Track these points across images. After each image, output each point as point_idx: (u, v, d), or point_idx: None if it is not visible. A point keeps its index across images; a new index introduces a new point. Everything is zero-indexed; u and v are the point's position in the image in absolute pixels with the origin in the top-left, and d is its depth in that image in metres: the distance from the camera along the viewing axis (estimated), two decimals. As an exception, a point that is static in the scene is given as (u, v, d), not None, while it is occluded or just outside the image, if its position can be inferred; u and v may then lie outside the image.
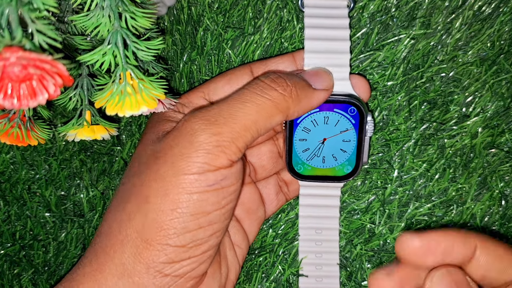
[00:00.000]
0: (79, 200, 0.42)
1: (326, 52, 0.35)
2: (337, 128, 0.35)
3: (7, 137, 0.33)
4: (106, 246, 0.31)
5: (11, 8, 0.22)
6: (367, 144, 0.36)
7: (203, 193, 0.30)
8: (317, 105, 0.34)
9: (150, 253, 0.30)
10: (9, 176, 0.42)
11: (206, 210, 0.30)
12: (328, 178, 0.37)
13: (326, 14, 0.35)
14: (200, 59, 0.40)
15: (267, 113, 0.31)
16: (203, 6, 0.39)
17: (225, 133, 0.30)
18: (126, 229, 0.31)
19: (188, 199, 0.29)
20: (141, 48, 0.28)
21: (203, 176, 0.29)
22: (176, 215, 0.29)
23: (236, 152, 0.30)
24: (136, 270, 0.30)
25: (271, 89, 0.31)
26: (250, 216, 0.38)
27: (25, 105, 0.22)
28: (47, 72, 0.22)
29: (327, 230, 0.38)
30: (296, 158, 0.37)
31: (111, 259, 0.31)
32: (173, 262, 0.30)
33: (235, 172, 0.31)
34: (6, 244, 0.42)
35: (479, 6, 0.36)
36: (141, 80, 0.28)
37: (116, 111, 0.28)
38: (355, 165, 0.36)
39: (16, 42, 0.22)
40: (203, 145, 0.29)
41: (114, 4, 0.26)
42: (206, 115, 0.30)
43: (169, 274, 0.30)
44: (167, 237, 0.30)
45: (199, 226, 0.30)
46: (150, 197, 0.30)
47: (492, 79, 0.36)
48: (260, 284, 0.39)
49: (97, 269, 0.31)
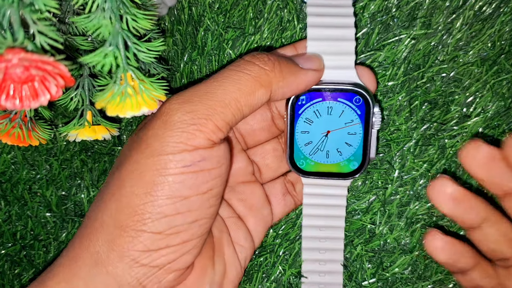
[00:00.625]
0: (80, 200, 0.42)
1: (330, 39, 0.33)
2: (342, 120, 0.33)
3: (8, 137, 0.33)
4: (83, 235, 0.30)
5: (13, 9, 0.22)
6: (374, 138, 0.34)
7: (179, 174, 0.28)
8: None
9: (124, 239, 0.28)
10: (10, 176, 0.42)
11: (183, 194, 0.28)
12: (332, 175, 0.35)
13: (330, 3, 0.33)
14: (200, 59, 0.40)
15: (247, 88, 0.29)
16: (204, 6, 0.39)
17: (200, 110, 0.28)
18: (101, 216, 0.29)
19: (163, 181, 0.27)
20: (142, 49, 0.28)
21: (178, 156, 0.27)
22: (150, 198, 0.28)
23: (215, 130, 0.28)
24: (110, 259, 0.28)
25: (251, 64, 0.30)
26: (254, 213, 0.36)
27: (27, 106, 0.23)
28: (49, 73, 0.22)
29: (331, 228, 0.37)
30: (298, 152, 0.35)
31: (86, 248, 0.29)
32: (149, 251, 0.28)
33: (217, 155, 0.29)
34: (7, 244, 0.42)
35: (480, 6, 0.36)
36: (142, 81, 0.28)
37: (116, 112, 0.28)
38: (361, 161, 0.34)
39: (18, 43, 0.22)
40: (177, 124, 0.28)
41: (115, 6, 0.26)
42: (181, 95, 0.29)
43: (146, 264, 0.28)
44: (141, 222, 0.28)
45: (177, 212, 0.28)
46: (124, 181, 0.28)
47: (493, 79, 0.36)
48: (261, 284, 0.39)
49: (72, 259, 0.29)
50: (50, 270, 0.30)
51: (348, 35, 0.33)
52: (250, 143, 0.37)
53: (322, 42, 0.33)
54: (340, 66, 0.33)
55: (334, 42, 0.33)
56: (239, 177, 0.37)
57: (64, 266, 0.29)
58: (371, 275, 0.38)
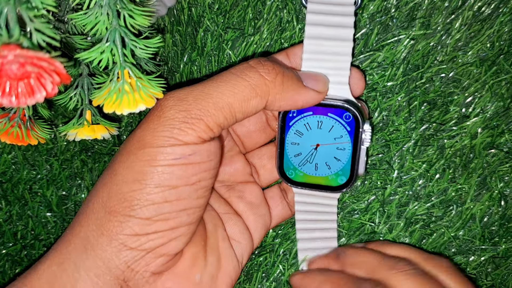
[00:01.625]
0: (80, 200, 0.42)
1: (326, 53, 0.33)
2: (331, 135, 0.34)
3: (7, 136, 0.33)
4: (75, 222, 0.31)
5: (10, 6, 0.22)
6: (363, 155, 0.34)
7: (168, 166, 0.29)
8: (305, 105, 0.32)
9: (113, 224, 0.29)
10: (10, 176, 0.43)
11: (172, 183, 0.29)
12: (320, 187, 0.35)
13: (330, 11, 0.33)
14: (200, 60, 0.40)
15: (243, 95, 0.29)
16: (203, 7, 0.39)
17: (193, 110, 0.29)
18: (92, 202, 0.30)
19: (152, 171, 0.29)
20: (139, 46, 0.28)
21: (169, 149, 0.29)
22: (139, 186, 0.29)
23: (206, 130, 0.29)
24: (99, 243, 0.29)
25: (253, 71, 0.30)
26: (253, 211, 0.37)
27: (23, 103, 0.23)
28: (44, 70, 0.22)
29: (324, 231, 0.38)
30: (288, 163, 0.35)
31: (77, 233, 0.30)
32: (137, 235, 0.29)
33: (208, 150, 0.30)
34: (7, 244, 0.43)
35: (479, 6, 0.36)
36: (139, 79, 0.29)
37: (113, 109, 0.28)
38: (349, 176, 0.34)
39: (14, 40, 0.22)
40: (169, 120, 0.29)
41: (113, 2, 0.26)
42: (178, 93, 0.30)
43: (135, 247, 0.29)
44: (130, 208, 0.29)
45: (165, 200, 0.29)
46: (117, 169, 0.30)
47: (491, 80, 0.36)
48: (261, 284, 0.39)
49: (64, 244, 0.30)
50: (44, 257, 0.31)
51: (345, 50, 0.33)
52: (248, 146, 0.38)
53: (318, 55, 0.33)
54: (334, 81, 0.33)
55: (330, 57, 0.33)
56: (238, 177, 0.38)
57: (56, 251, 0.31)
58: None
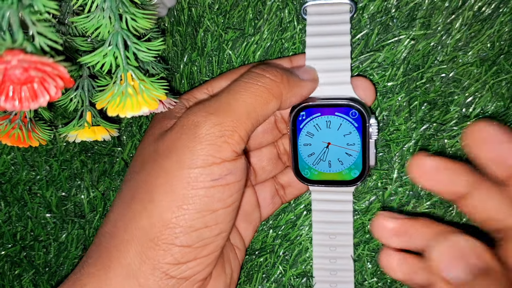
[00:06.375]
0: (79, 201, 0.42)
1: (327, 58, 0.35)
2: (340, 132, 0.35)
3: (8, 138, 0.33)
4: (111, 246, 0.30)
5: (12, 10, 0.22)
6: (372, 147, 0.36)
7: (209, 188, 0.29)
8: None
9: (156, 253, 0.29)
10: (10, 177, 0.42)
11: (213, 207, 0.29)
12: (336, 183, 0.37)
13: (328, 21, 0.36)
14: (200, 60, 0.40)
15: (263, 99, 0.31)
16: (203, 7, 0.39)
17: (227, 122, 0.30)
18: (131, 228, 0.30)
19: (194, 194, 0.29)
20: (141, 49, 0.28)
21: (208, 169, 0.29)
22: (182, 212, 0.29)
23: (239, 141, 0.30)
24: (142, 271, 0.29)
25: (263, 77, 0.32)
26: (246, 218, 0.38)
27: (26, 107, 0.23)
28: (48, 75, 0.22)
29: (340, 235, 0.38)
30: (303, 163, 0.37)
31: (116, 259, 0.30)
32: (179, 263, 0.29)
33: (240, 168, 0.30)
34: (7, 245, 0.42)
35: (479, 6, 0.36)
36: (142, 81, 0.28)
37: (117, 112, 0.28)
38: (362, 169, 0.36)
39: (17, 45, 0.22)
40: (206, 136, 0.29)
41: (115, 5, 0.26)
42: (206, 107, 0.31)
43: (175, 276, 0.29)
44: (173, 235, 0.29)
45: (205, 225, 0.29)
46: (155, 193, 0.29)
47: (492, 80, 0.36)
48: (261, 284, 0.39)
49: (102, 269, 0.30)
50: (76, 279, 0.31)
51: (344, 53, 0.35)
52: (251, 146, 0.38)
53: (320, 61, 0.35)
54: (337, 82, 0.35)
55: (331, 61, 0.35)
56: None
57: (94, 276, 0.30)
58: (371, 275, 0.39)
